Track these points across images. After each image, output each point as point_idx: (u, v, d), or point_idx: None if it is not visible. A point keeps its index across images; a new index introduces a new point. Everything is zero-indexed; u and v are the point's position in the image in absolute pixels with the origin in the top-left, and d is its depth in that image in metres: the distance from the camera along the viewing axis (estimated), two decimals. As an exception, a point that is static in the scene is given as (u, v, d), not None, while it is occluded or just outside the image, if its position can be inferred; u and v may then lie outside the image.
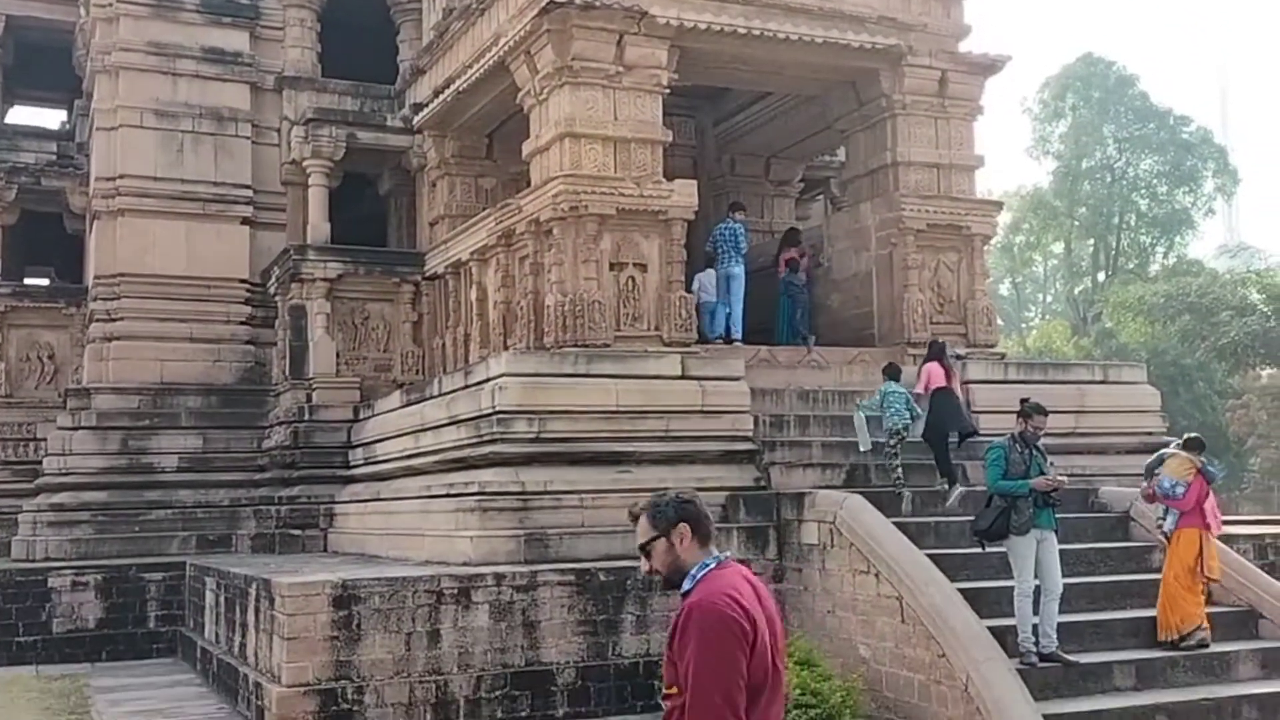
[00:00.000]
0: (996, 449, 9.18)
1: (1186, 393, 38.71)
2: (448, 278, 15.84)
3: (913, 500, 11.36)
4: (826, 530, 10.22)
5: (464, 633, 9.62)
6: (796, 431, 12.59)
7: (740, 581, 3.63)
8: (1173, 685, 9.10)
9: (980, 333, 15.10)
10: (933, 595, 9.00)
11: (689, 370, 11.96)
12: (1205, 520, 9.74)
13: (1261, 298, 25.65)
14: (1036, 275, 65.16)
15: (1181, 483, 9.83)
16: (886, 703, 9.37)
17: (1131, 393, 14.48)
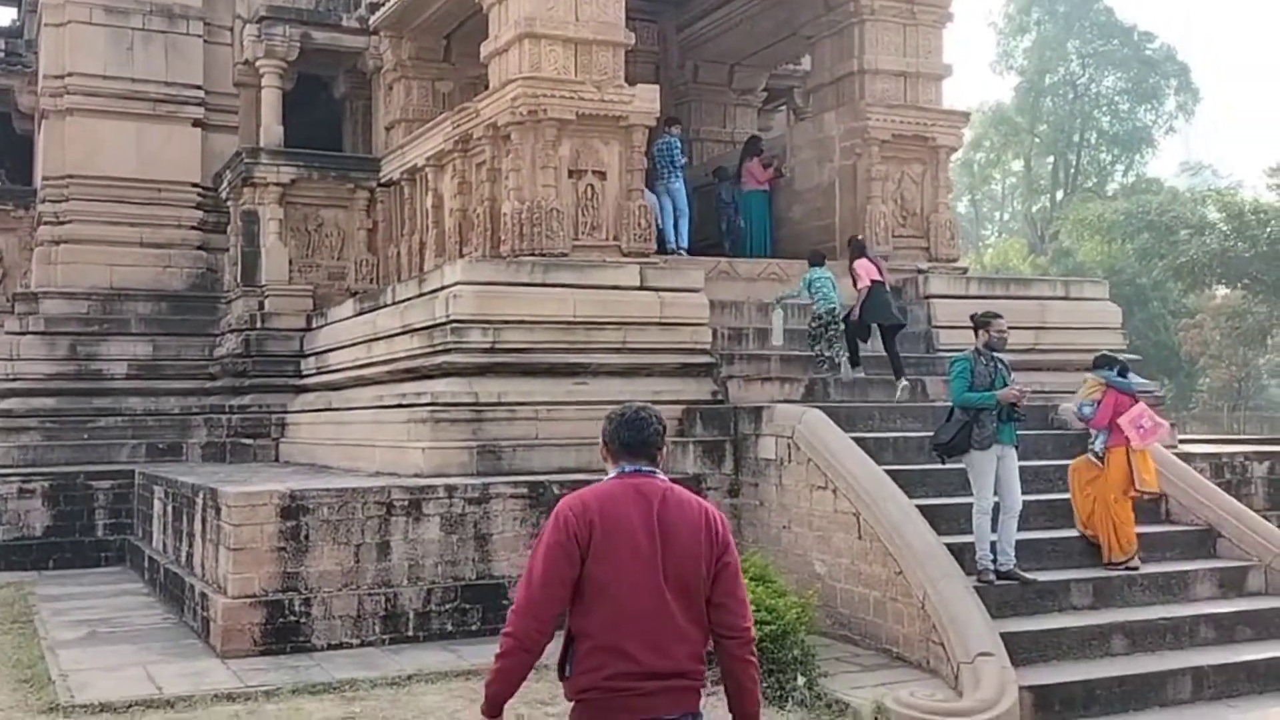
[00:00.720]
0: (962, 361, 9.01)
1: (1141, 312, 38.93)
2: (403, 184, 15.40)
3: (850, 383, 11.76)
4: (784, 445, 10.08)
5: (414, 545, 9.44)
6: (755, 345, 12.40)
7: (613, 490, 3.69)
8: (1130, 604, 9.09)
9: (942, 247, 14.92)
10: (890, 511, 8.90)
11: (648, 281, 11.70)
12: (1146, 436, 9.63)
13: (1221, 216, 25.62)
14: (995, 193, 65.13)
15: (1088, 402, 9.85)
16: (841, 619, 9.31)
17: (1093, 309, 14.40)
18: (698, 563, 3.60)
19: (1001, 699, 7.29)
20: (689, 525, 3.63)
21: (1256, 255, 24.77)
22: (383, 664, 8.70)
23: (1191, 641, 8.76)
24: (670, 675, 3.58)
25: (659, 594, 3.55)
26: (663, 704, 3.58)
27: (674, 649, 3.58)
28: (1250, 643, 8.89)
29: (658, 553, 3.56)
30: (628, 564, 3.55)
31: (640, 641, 3.55)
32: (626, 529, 3.58)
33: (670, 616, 3.57)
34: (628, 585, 3.55)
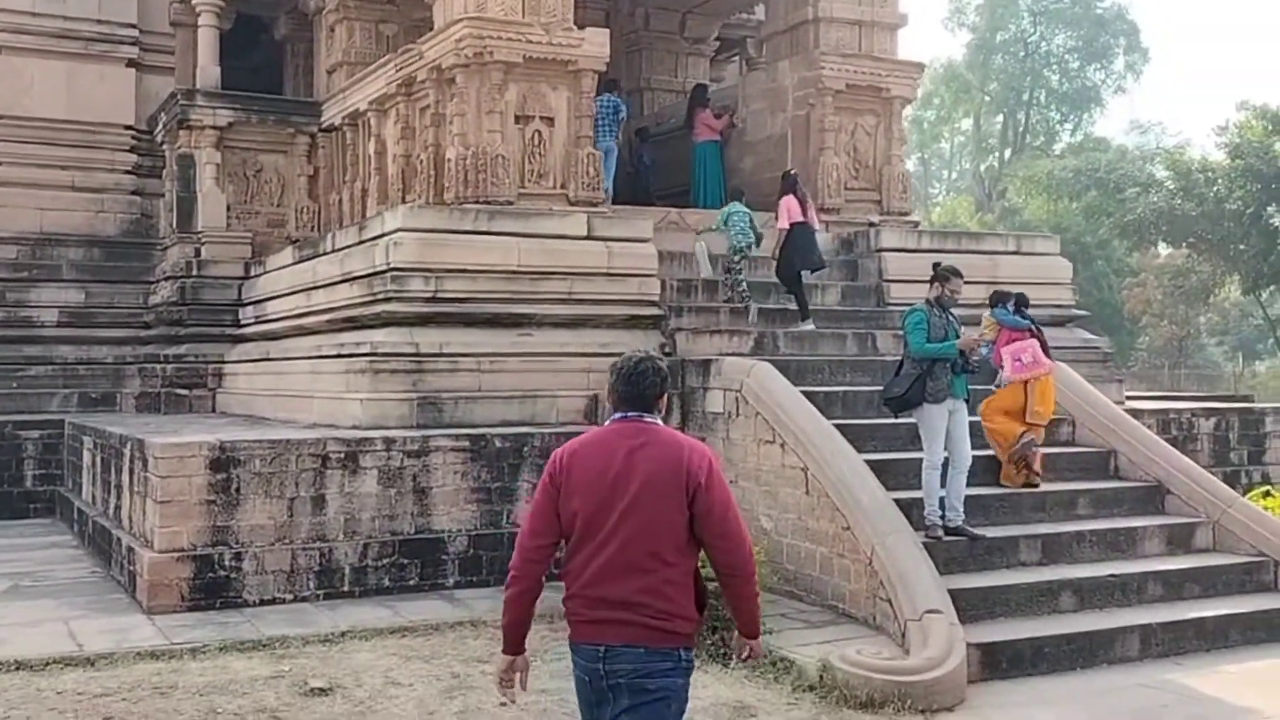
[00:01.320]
0: (918, 313, 8.83)
1: (1086, 270, 39.20)
2: (345, 129, 14.91)
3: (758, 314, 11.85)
4: (732, 398, 9.87)
5: (351, 499, 9.15)
6: (704, 297, 12.16)
7: (599, 434, 3.95)
8: (1079, 561, 9.02)
9: (895, 200, 14.75)
10: (839, 466, 8.73)
11: (595, 230, 11.40)
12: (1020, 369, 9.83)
13: (1168, 175, 25.63)
14: (944, 152, 65.25)
15: (986, 342, 9.90)
16: (787, 575, 9.16)
17: (1044, 264, 14.30)
18: (668, 503, 3.73)
19: (949, 657, 7.16)
20: (663, 467, 3.75)
21: (1202, 214, 24.85)
22: (316, 620, 8.44)
23: (1140, 599, 8.71)
24: (617, 605, 3.72)
25: (614, 530, 3.72)
26: (604, 631, 3.74)
27: (625, 581, 3.73)
28: (1198, 600, 8.85)
29: (621, 489, 3.73)
30: (589, 501, 3.76)
31: (591, 571, 3.76)
32: (593, 469, 3.79)
33: (627, 549, 3.72)
34: (585, 519, 3.77)
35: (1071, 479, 10.24)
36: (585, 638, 3.81)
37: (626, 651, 3.74)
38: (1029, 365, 9.89)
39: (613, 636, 3.74)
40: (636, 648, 3.73)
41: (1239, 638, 8.49)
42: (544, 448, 9.80)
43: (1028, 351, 9.94)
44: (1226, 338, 45.74)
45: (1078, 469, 10.35)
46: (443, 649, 7.66)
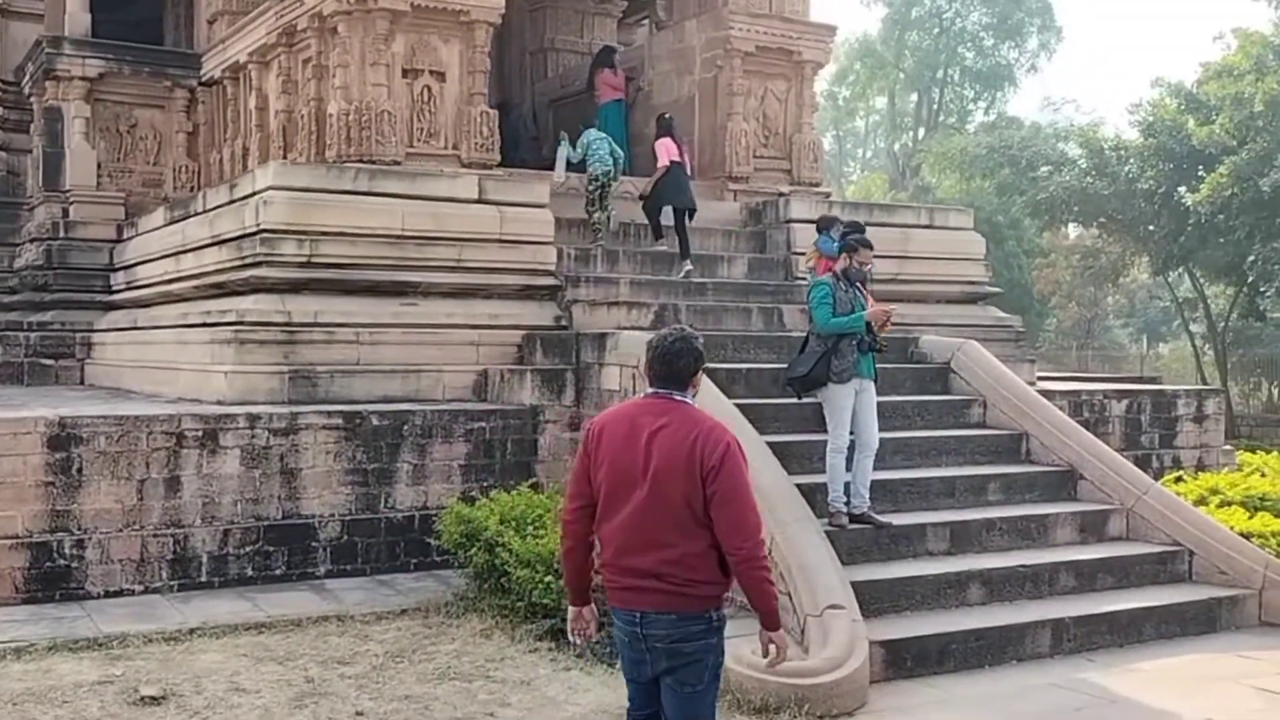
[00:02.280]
0: (822, 285, 8.27)
1: (997, 250, 39.17)
2: (226, 83, 13.95)
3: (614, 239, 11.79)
4: (629, 374, 9.25)
5: (210, 481, 8.35)
6: (604, 267, 11.50)
7: (629, 408, 4.13)
8: (988, 550, 8.57)
9: (805, 169, 14.21)
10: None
11: (487, 194, 10.66)
12: None
13: (1082, 153, 25.49)
14: (859, 130, 65.20)
15: (810, 271, 10.00)
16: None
17: (957, 239, 13.89)
18: (681, 482, 3.85)
19: (850, 657, 6.63)
20: (678, 449, 3.86)
21: (1114, 194, 24.72)
22: (165, 615, 7.66)
23: (1051, 590, 8.29)
24: (641, 574, 3.89)
25: (633, 504, 3.89)
26: (635, 599, 3.92)
27: (647, 553, 3.88)
28: (1111, 591, 8.46)
29: (640, 466, 3.87)
30: (613, 475, 3.93)
31: (618, 542, 3.95)
32: (619, 442, 3.94)
33: (642, 524, 3.89)
34: (609, 492, 3.96)
35: (982, 463, 9.80)
36: (621, 603, 3.99)
37: (660, 618, 3.89)
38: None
39: (645, 603, 3.89)
40: (668, 613, 3.88)
41: (1153, 632, 8.12)
42: (426, 426, 9.10)
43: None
44: (1132, 319, 46.25)
45: (988, 452, 9.91)
46: (301, 648, 6.94)
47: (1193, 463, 13.45)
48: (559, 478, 9.63)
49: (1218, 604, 8.51)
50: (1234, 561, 8.83)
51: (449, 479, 9.10)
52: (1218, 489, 11.47)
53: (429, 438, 9.04)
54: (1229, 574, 8.81)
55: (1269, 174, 19.40)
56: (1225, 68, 22.64)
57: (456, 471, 9.18)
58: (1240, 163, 20.20)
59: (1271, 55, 21.78)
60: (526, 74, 17.32)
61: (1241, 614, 8.59)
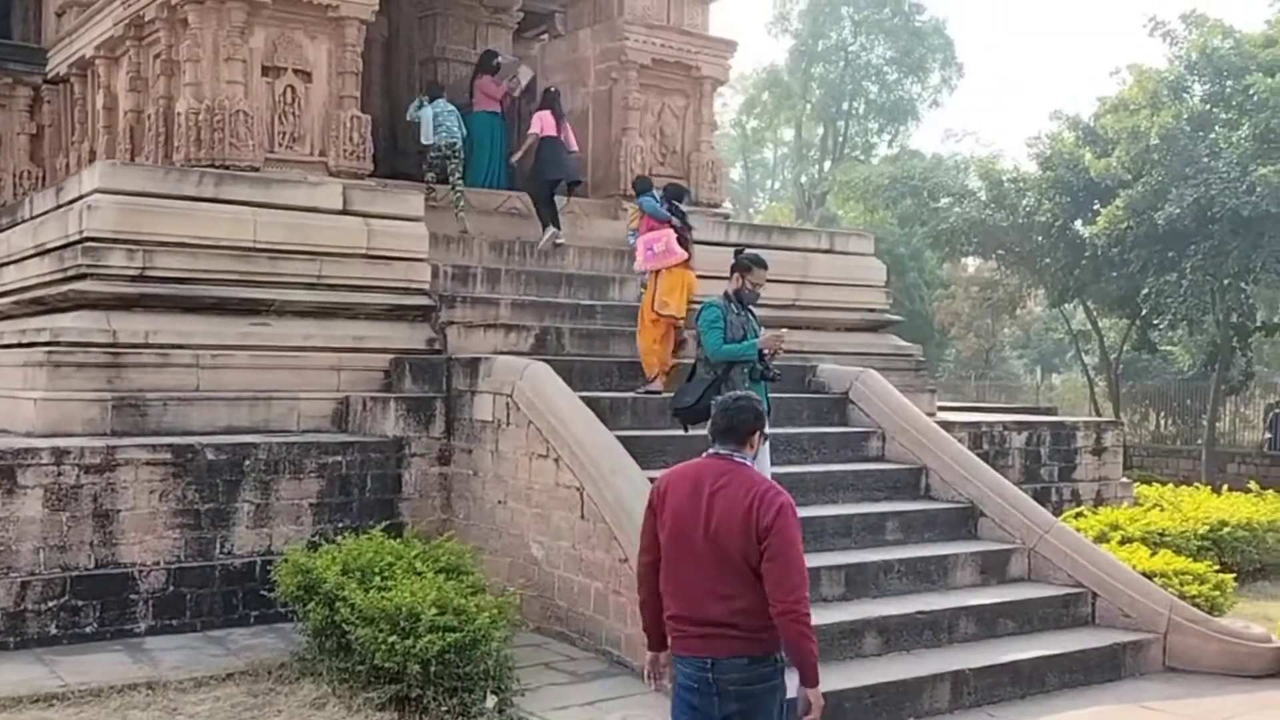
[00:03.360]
0: (713, 308, 7.58)
1: (899, 281, 39.21)
2: (73, 80, 12.87)
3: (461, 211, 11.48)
4: (503, 404, 8.45)
5: (6, 525, 7.26)
6: (485, 287, 10.68)
7: (691, 467, 4.27)
8: (886, 594, 7.92)
9: (704, 189, 13.58)
10: (619, 487, 7.39)
11: (353, 204, 9.79)
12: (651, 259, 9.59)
13: (982, 185, 25.36)
14: (767, 161, 65.36)
15: (631, 232, 9.87)
16: (558, 613, 7.79)
17: (857, 265, 13.35)
18: (738, 539, 4.01)
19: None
20: (734, 506, 4.04)
21: (1011, 225, 24.59)
22: (-62, 684, 6.56)
23: (951, 638, 7.68)
24: (718, 624, 4.05)
25: (696, 559, 4.06)
26: (706, 647, 4.08)
27: (710, 606, 4.06)
28: (1013, 638, 7.88)
29: (700, 525, 4.05)
30: (674, 531, 4.13)
31: (680, 596, 4.14)
32: (680, 502, 4.14)
33: (705, 579, 4.06)
34: (673, 548, 4.14)
35: (881, 499, 9.20)
36: (691, 651, 4.13)
37: (733, 662, 4.06)
38: (660, 255, 9.52)
39: (718, 650, 4.06)
40: (740, 659, 4.06)
41: (1056, 681, 7.58)
42: (272, 460, 8.15)
43: (660, 240, 9.56)
44: (1028, 350, 46.71)
45: (887, 488, 9.31)
46: (91, 727, 5.93)
47: (1092, 496, 13.07)
48: (427, 517, 8.78)
49: (1122, 650, 8.01)
50: (1138, 604, 8.34)
51: (298, 520, 8.16)
52: (1118, 524, 11.09)
53: (275, 474, 8.09)
54: (1133, 617, 8.33)
55: (1163, 207, 19.32)
56: (1121, 102, 22.64)
57: (307, 511, 8.25)
58: (1136, 196, 20.12)
59: (1166, 90, 21.81)
60: (416, 84, 16.43)
61: (1145, 659, 8.10)
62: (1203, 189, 18.87)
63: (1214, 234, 19.13)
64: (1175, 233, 19.58)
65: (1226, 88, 21.24)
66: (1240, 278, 19.79)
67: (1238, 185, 18.58)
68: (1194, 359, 27.46)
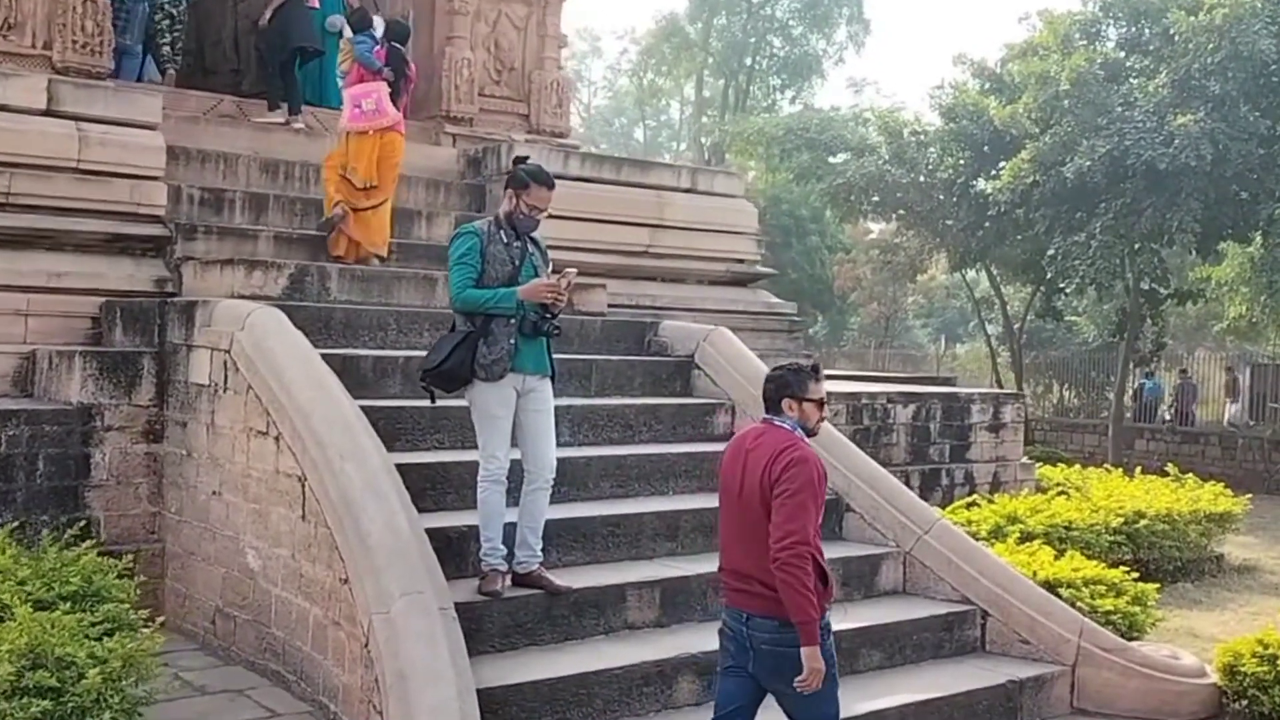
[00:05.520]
0: (466, 237, 5.61)
1: (799, 244, 37.83)
2: None
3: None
4: (220, 362, 6.39)
5: None
6: (245, 216, 8.55)
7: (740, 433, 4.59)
8: (712, 618, 6.08)
9: (546, 115, 11.58)
10: (347, 477, 5.40)
11: (62, 103, 7.63)
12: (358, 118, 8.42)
13: (883, 139, 23.69)
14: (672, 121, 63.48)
15: (341, 75, 8.98)
16: (274, 645, 5.81)
17: (724, 207, 11.48)
18: (760, 491, 4.21)
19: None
20: (760, 463, 4.23)
21: (912, 184, 22.99)
22: None
23: (796, 676, 5.86)
24: (745, 576, 4.25)
25: (733, 516, 4.33)
26: (743, 601, 4.27)
27: (742, 560, 4.27)
28: (878, 675, 6.14)
29: (737, 483, 4.31)
30: (721, 490, 4.43)
31: (724, 551, 4.41)
32: (727, 461, 4.43)
33: (743, 532, 4.27)
34: (721, 506, 4.44)
35: (722, 488, 7.34)
36: (732, 604, 4.33)
37: (764, 622, 4.19)
38: (369, 115, 8.33)
39: (750, 606, 4.23)
40: (771, 620, 4.17)
41: (933, 734, 5.80)
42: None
43: (371, 97, 8.37)
44: (931, 319, 45.66)
45: (733, 475, 7.45)
46: None
47: (988, 479, 11.46)
48: (128, 511, 6.73)
49: (1018, 689, 6.30)
50: (1039, 628, 6.66)
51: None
52: (1017, 516, 9.44)
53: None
54: (1033, 644, 6.65)
55: (1073, 160, 17.78)
56: (1030, 47, 21.10)
57: (-65, 505, 6.15)
58: (1043, 148, 18.56)
59: (1079, 32, 20.31)
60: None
61: (1049, 700, 6.43)
62: (1116, 140, 17.32)
63: (1126, 191, 17.62)
64: (1085, 190, 18.05)
65: (1144, 31, 19.80)
66: (1154, 239, 18.34)
67: (1154, 136, 17.05)
68: (1100, 329, 26.36)
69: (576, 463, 6.71)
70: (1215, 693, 6.46)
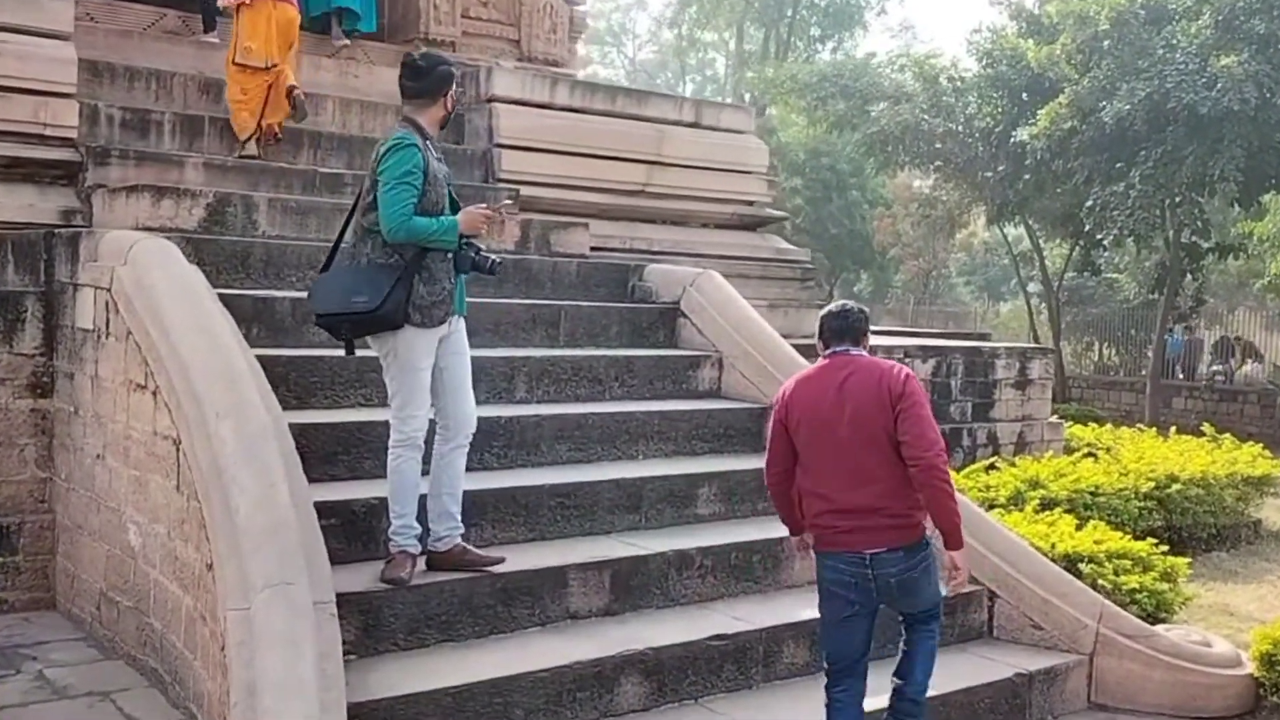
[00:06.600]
0: (410, 149, 4.60)
1: (840, 199, 36.68)
2: None
3: None
4: (104, 303, 5.47)
5: None
6: (177, 141, 7.61)
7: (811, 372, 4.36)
8: (678, 603, 5.23)
9: (539, 40, 10.54)
10: (221, 440, 4.45)
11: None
12: None
13: (919, 86, 22.44)
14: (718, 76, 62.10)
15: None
16: (153, 639, 4.93)
17: (731, 144, 10.43)
18: (876, 414, 4.09)
19: None
20: (867, 385, 4.13)
21: (949, 133, 21.78)
22: None
23: (769, 675, 5.09)
24: (863, 511, 4.09)
25: (839, 450, 4.12)
26: (862, 540, 4.10)
27: (862, 489, 4.09)
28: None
29: (840, 414, 4.11)
30: (813, 429, 4.17)
31: (827, 491, 4.15)
32: (811, 401, 4.20)
33: (851, 466, 4.10)
34: (814, 446, 4.18)
35: (701, 452, 6.42)
36: (844, 546, 4.15)
37: (889, 556, 4.11)
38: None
39: (874, 543, 4.09)
40: (896, 551, 4.11)
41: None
42: None
43: None
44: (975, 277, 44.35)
45: (712, 437, 6.51)
46: None
47: (1012, 439, 10.50)
48: (12, 477, 5.86)
49: (1027, 683, 5.41)
50: (1054, 611, 5.76)
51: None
52: (1039, 481, 8.57)
53: None
54: (1046, 629, 5.77)
55: (1112, 104, 16.56)
56: (1071, -15, 19.78)
57: None
58: (1082, 92, 17.33)
59: (1119, -32, 18.93)
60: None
61: (1062, 695, 5.56)
62: (1156, 83, 16.08)
63: (1167, 138, 16.40)
64: (1124, 138, 16.83)
65: (1186, -31, 18.42)
66: (1195, 189, 17.11)
67: (1196, 78, 15.80)
68: (1141, 286, 25.18)
69: (526, 422, 5.78)
70: (1251, 684, 5.62)
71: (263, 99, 7.78)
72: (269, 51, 7.69)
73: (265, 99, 7.75)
